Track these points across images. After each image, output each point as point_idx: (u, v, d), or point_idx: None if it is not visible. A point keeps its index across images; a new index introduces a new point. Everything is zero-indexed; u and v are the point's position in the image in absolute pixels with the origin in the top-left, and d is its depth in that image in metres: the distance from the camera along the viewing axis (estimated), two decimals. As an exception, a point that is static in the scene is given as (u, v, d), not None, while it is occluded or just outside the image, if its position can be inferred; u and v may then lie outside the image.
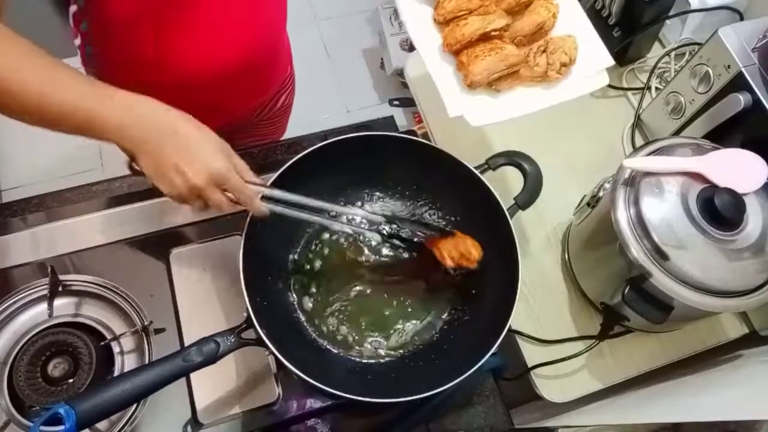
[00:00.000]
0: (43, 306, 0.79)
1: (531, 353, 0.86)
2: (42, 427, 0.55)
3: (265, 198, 0.67)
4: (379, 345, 0.78)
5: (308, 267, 0.81)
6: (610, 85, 1.07)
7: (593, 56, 0.76)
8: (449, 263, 0.72)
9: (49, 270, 0.79)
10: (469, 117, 0.71)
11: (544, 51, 0.73)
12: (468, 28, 0.71)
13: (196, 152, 0.61)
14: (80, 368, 0.74)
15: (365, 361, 0.76)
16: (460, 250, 0.72)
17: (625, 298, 0.72)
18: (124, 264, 0.84)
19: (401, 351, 0.77)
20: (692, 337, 0.90)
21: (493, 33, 0.73)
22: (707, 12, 1.02)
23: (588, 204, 0.84)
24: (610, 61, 0.75)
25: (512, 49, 0.72)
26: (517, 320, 0.85)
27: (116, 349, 0.78)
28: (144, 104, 0.60)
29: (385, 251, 0.83)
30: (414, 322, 0.79)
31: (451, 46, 0.72)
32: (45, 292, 0.79)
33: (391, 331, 0.78)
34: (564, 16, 0.77)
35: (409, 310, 0.80)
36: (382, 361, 0.77)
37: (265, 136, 1.14)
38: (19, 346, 0.74)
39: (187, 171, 0.61)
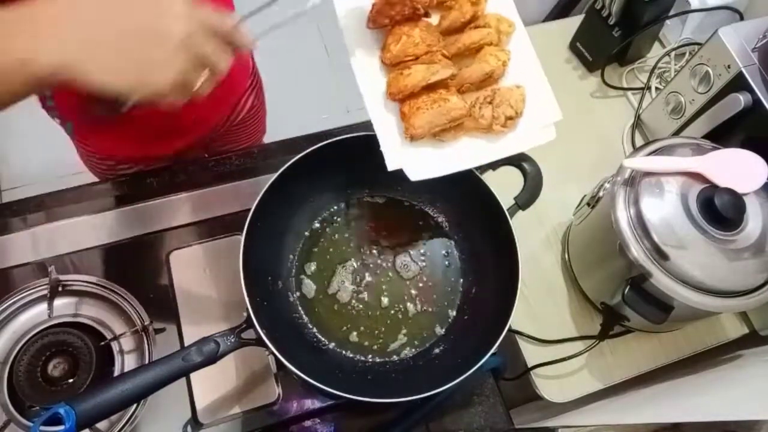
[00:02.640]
0: (43, 306, 0.79)
1: (531, 353, 0.86)
2: (42, 427, 0.55)
3: None
4: (379, 345, 0.78)
5: (308, 267, 0.81)
6: (610, 85, 1.08)
7: (543, 108, 0.72)
8: None
9: (49, 270, 0.79)
10: (408, 171, 0.68)
11: (490, 102, 0.69)
12: (411, 79, 0.67)
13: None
14: (80, 368, 0.74)
15: (365, 361, 0.76)
16: None
17: (625, 298, 0.72)
18: (124, 264, 0.84)
19: (401, 351, 0.77)
20: (692, 337, 0.90)
21: (439, 82, 0.69)
22: (707, 12, 1.02)
23: (588, 204, 0.84)
24: (558, 116, 0.72)
25: (456, 101, 0.68)
26: (517, 320, 0.85)
27: (116, 349, 0.78)
28: None
29: (386, 250, 0.83)
30: (414, 321, 0.79)
31: (394, 95, 0.69)
32: (45, 292, 0.79)
33: (392, 332, 0.78)
34: (516, 63, 0.73)
35: (410, 310, 0.80)
36: (382, 361, 0.77)
37: (243, 140, 1.13)
38: (19, 346, 0.74)
39: (173, 21, 0.47)
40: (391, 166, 0.68)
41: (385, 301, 0.80)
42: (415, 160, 0.69)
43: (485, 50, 0.71)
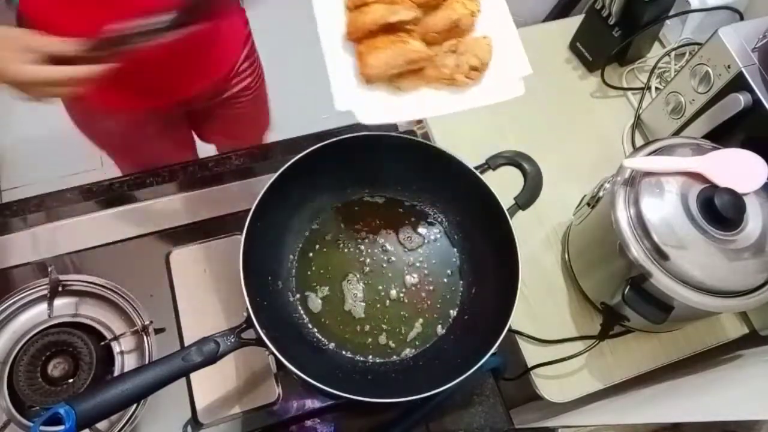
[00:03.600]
0: (43, 306, 0.79)
1: (531, 353, 0.86)
2: (42, 427, 0.55)
3: None
4: (379, 345, 0.78)
5: (308, 267, 0.81)
6: (610, 85, 1.08)
7: (511, 63, 0.69)
8: None
9: (49, 270, 0.79)
10: (359, 114, 0.65)
11: (453, 51, 0.67)
12: (370, 16, 0.65)
13: None
14: (80, 368, 0.74)
15: (365, 361, 0.76)
16: None
17: (625, 298, 0.72)
18: (124, 264, 0.84)
19: (401, 351, 0.77)
20: (692, 337, 0.90)
21: (401, 25, 0.66)
22: (707, 12, 1.02)
23: (588, 204, 0.84)
24: (528, 70, 0.69)
25: (417, 44, 0.66)
26: (517, 320, 0.85)
27: (116, 349, 0.78)
28: None
29: (387, 251, 0.83)
30: (414, 322, 0.79)
31: (352, 34, 0.66)
32: (45, 292, 0.79)
33: (392, 332, 0.78)
34: (487, 17, 0.70)
35: (410, 310, 0.79)
36: (382, 361, 0.77)
37: (246, 125, 1.13)
38: (19, 346, 0.74)
39: None
40: (340, 106, 0.65)
41: (384, 301, 0.80)
42: (369, 104, 0.66)
43: (448, 2, 0.68)
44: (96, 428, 0.73)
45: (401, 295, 0.80)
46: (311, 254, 0.82)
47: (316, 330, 0.77)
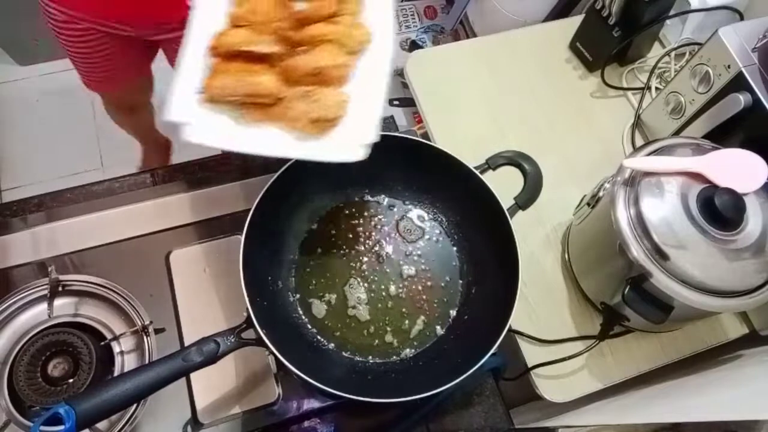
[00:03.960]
0: (43, 306, 0.79)
1: (531, 353, 0.86)
2: (42, 427, 0.55)
3: None
4: (379, 345, 0.78)
5: (308, 267, 0.81)
6: (610, 85, 1.08)
7: (361, 127, 0.67)
8: None
9: (49, 270, 0.79)
10: (186, 128, 0.62)
11: (305, 98, 0.65)
12: (229, 38, 0.64)
13: None
14: (80, 368, 0.74)
15: (365, 361, 0.76)
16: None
17: (625, 298, 0.72)
18: (124, 264, 0.84)
19: (401, 351, 0.77)
20: (692, 337, 0.90)
21: (266, 57, 0.65)
22: (707, 12, 1.02)
23: (588, 204, 0.84)
24: (372, 138, 0.67)
25: (267, 79, 0.64)
26: (517, 320, 0.85)
27: (116, 349, 0.78)
28: None
29: (387, 249, 0.83)
30: (414, 322, 0.79)
31: (214, 49, 0.65)
32: (45, 292, 0.79)
33: (392, 332, 0.78)
34: (364, 75, 0.68)
35: (410, 310, 0.80)
36: (382, 361, 0.77)
37: None
38: (19, 346, 0.74)
39: None
40: (170, 115, 0.62)
41: (387, 301, 0.80)
42: (203, 123, 0.63)
43: (324, 45, 0.67)
44: (96, 428, 0.73)
45: (400, 290, 0.80)
46: (311, 254, 0.82)
47: (315, 330, 0.77)
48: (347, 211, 0.85)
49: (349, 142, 0.66)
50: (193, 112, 0.64)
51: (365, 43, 0.69)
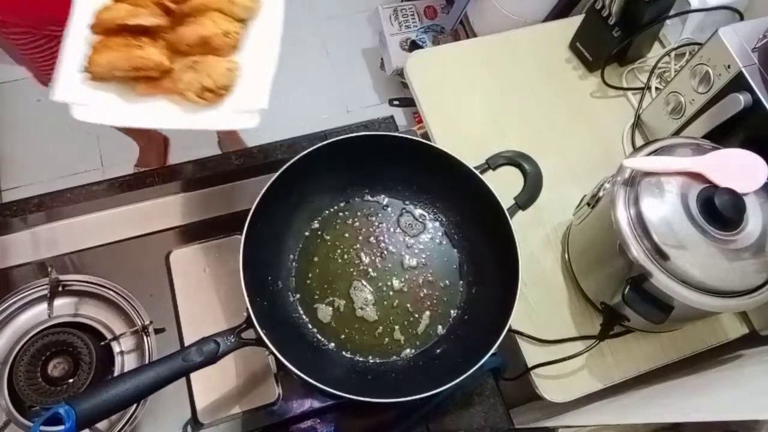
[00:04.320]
0: (43, 306, 0.79)
1: (531, 353, 0.86)
2: (42, 427, 0.55)
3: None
4: (379, 345, 0.78)
5: (308, 267, 0.81)
6: (610, 85, 1.08)
7: (253, 93, 0.67)
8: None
9: (49, 270, 0.79)
10: (74, 108, 0.63)
11: (191, 68, 0.64)
12: (112, 13, 0.63)
13: None
14: (80, 368, 0.74)
15: (365, 361, 0.76)
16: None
17: (625, 298, 0.72)
18: (124, 264, 0.84)
19: (401, 351, 0.77)
20: (692, 337, 0.90)
21: (149, 30, 0.65)
22: (707, 12, 1.02)
23: (588, 204, 0.84)
24: (263, 104, 0.66)
25: (151, 52, 0.64)
26: (517, 320, 0.85)
27: (116, 349, 0.78)
28: None
29: (387, 249, 0.83)
30: (414, 322, 0.79)
31: (95, 27, 0.64)
32: (45, 292, 0.79)
33: (392, 331, 0.78)
34: (256, 42, 0.68)
35: (410, 310, 0.80)
36: (382, 361, 0.77)
37: None
38: (19, 346, 0.74)
39: None
40: (57, 96, 0.63)
41: (385, 301, 0.80)
42: (91, 101, 0.64)
43: (209, 14, 0.66)
44: (96, 428, 0.73)
45: (402, 284, 0.80)
46: (311, 254, 0.82)
47: (316, 330, 0.77)
48: (347, 211, 0.85)
49: (241, 111, 0.66)
50: (80, 91, 0.64)
51: (253, 9, 0.69)
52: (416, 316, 0.79)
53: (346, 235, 0.83)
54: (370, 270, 0.81)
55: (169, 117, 0.65)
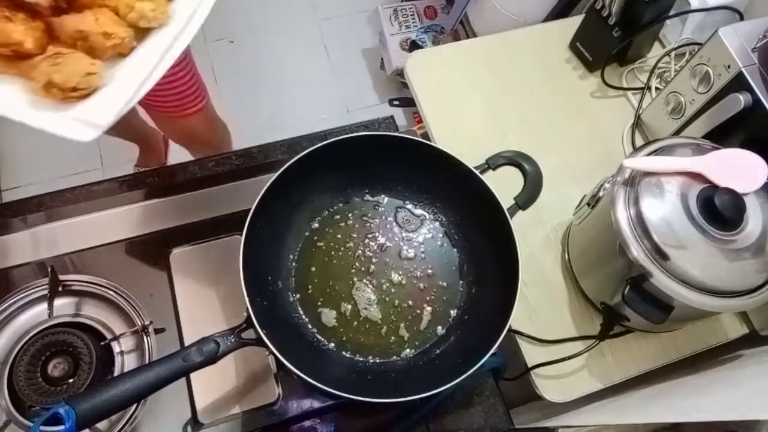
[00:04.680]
0: (43, 306, 0.79)
1: (531, 353, 0.86)
2: (42, 427, 0.55)
3: None
4: (379, 345, 0.78)
5: (308, 267, 0.81)
6: (610, 85, 1.08)
7: (102, 107, 0.59)
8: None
9: (49, 270, 0.79)
10: None
11: (53, 60, 0.59)
12: None
13: None
14: (80, 368, 0.74)
15: (365, 361, 0.76)
16: None
17: (625, 298, 0.72)
18: (124, 264, 0.84)
19: (401, 351, 0.77)
20: (692, 337, 0.90)
21: (32, 6, 0.60)
22: (707, 12, 1.02)
23: (588, 204, 0.84)
24: (107, 122, 0.59)
25: (15, 29, 0.58)
26: (517, 320, 0.85)
27: (116, 349, 0.78)
28: None
29: (387, 247, 0.83)
30: (410, 325, 0.79)
31: None
32: (45, 292, 0.79)
33: (392, 331, 0.78)
34: (143, 55, 0.62)
35: (407, 313, 0.80)
36: (382, 361, 0.77)
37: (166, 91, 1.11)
38: (19, 346, 0.74)
39: None
40: None
41: (387, 298, 0.80)
42: None
43: (97, 10, 0.61)
44: (96, 428, 0.73)
45: (401, 294, 0.80)
46: (311, 254, 0.82)
47: (316, 330, 0.77)
48: (347, 211, 0.85)
49: (82, 121, 0.59)
50: None
51: (153, 20, 0.63)
52: (418, 312, 0.79)
53: (347, 234, 0.83)
54: (370, 268, 0.81)
55: (9, 104, 0.60)
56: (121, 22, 0.62)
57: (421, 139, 0.80)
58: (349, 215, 0.84)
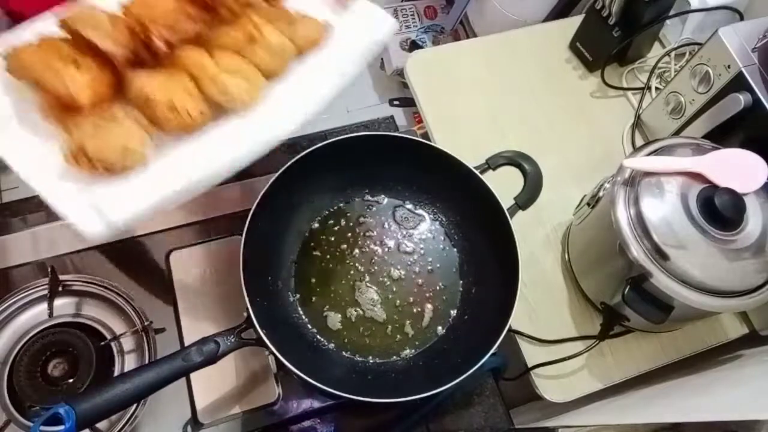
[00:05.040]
0: (43, 306, 0.79)
1: (531, 353, 0.86)
2: (42, 427, 0.55)
3: None
4: (379, 345, 0.78)
5: (309, 267, 0.81)
6: (610, 85, 1.08)
7: (128, 196, 0.52)
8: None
9: (49, 270, 0.79)
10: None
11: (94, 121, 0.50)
12: (84, 18, 0.51)
13: None
14: (80, 368, 0.74)
15: (365, 361, 0.76)
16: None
17: (625, 298, 0.72)
18: (124, 264, 0.84)
19: (401, 351, 0.77)
20: (692, 337, 0.90)
21: (107, 54, 0.51)
22: (707, 12, 1.02)
23: (588, 204, 0.84)
24: (121, 219, 0.52)
25: (80, 81, 0.49)
26: (517, 320, 0.85)
27: (116, 349, 0.78)
28: None
29: (387, 246, 0.83)
30: (414, 322, 0.79)
31: (63, 22, 0.51)
32: (45, 292, 0.78)
33: (392, 332, 0.78)
34: (214, 140, 0.54)
35: (410, 310, 0.80)
36: (382, 361, 0.77)
37: None
38: (19, 346, 0.74)
39: None
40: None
41: (389, 295, 0.80)
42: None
43: (170, 71, 0.50)
44: (96, 428, 0.73)
45: (401, 294, 0.80)
46: (312, 254, 0.82)
47: (316, 330, 0.77)
48: (347, 212, 0.85)
49: (96, 209, 0.52)
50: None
51: (242, 104, 0.53)
52: (419, 309, 0.79)
53: (347, 234, 0.83)
54: (370, 268, 0.81)
55: (33, 166, 0.52)
56: (197, 94, 0.52)
57: (421, 139, 0.80)
58: (349, 215, 0.84)
